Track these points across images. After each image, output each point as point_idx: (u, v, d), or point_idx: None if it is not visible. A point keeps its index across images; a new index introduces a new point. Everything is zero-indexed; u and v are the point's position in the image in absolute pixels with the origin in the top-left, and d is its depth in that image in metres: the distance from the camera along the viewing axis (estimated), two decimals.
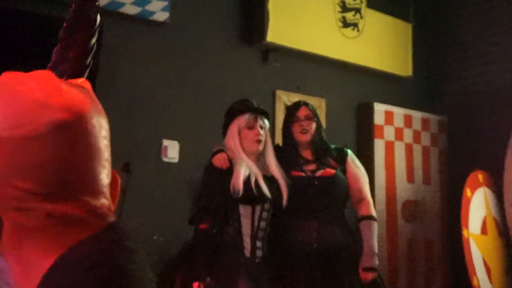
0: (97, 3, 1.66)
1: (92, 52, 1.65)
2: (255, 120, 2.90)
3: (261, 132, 2.90)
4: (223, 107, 3.13)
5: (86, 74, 1.64)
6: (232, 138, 2.90)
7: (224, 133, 2.98)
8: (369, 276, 2.96)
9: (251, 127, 2.89)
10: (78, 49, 1.58)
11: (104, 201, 0.97)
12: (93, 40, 1.65)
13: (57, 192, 0.91)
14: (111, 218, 0.95)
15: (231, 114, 2.97)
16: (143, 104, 3.95)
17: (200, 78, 4.26)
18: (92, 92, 1.01)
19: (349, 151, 3.23)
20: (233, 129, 2.92)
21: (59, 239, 0.91)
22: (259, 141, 2.90)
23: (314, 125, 3.16)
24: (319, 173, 3.09)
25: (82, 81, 1.08)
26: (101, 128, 0.96)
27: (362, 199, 3.13)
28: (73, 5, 1.62)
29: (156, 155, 3.97)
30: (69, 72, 1.54)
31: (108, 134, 0.97)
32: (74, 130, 0.93)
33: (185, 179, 3.91)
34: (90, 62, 1.65)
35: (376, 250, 3.03)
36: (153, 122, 3.98)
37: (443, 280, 5.37)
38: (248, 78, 4.54)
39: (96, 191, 0.95)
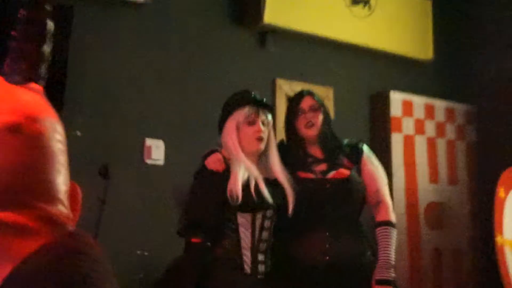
0: (48, 9, 1.68)
1: (47, 60, 1.68)
2: (256, 114, 2.86)
3: (263, 128, 2.86)
4: (214, 99, 3.12)
5: (43, 82, 1.67)
6: (229, 135, 2.86)
7: (221, 130, 2.94)
8: None
9: (251, 122, 2.85)
10: (31, 59, 1.61)
11: (62, 208, 0.96)
12: (47, 49, 1.68)
13: (6, 198, 0.90)
14: (71, 227, 0.94)
15: (228, 108, 2.92)
16: (121, 98, 3.93)
17: (187, 67, 4.24)
18: (44, 96, 1.03)
19: (365, 147, 3.20)
20: (231, 124, 2.87)
21: (12, 248, 0.90)
22: (260, 139, 2.86)
23: (320, 117, 3.12)
24: (331, 174, 3.05)
25: (33, 85, 1.10)
26: (54, 131, 0.98)
27: (379, 202, 3.10)
28: (22, 13, 1.64)
29: (138, 156, 3.96)
30: (22, 82, 1.57)
31: (63, 138, 0.98)
32: (25, 133, 0.94)
33: (172, 183, 3.89)
34: (45, 71, 1.68)
35: (393, 260, 3.00)
36: (133, 118, 3.96)
37: None
38: (243, 65, 4.52)
39: (51, 197, 0.95)
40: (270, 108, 2.96)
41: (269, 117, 2.93)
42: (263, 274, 2.81)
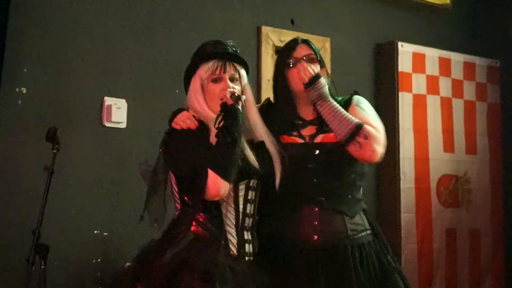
0: None
1: None
2: (222, 68, 2.85)
3: (232, 85, 2.86)
4: (185, 51, 3.10)
5: None
6: (195, 96, 2.87)
7: (186, 90, 2.95)
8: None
9: (217, 79, 2.85)
10: None
11: None
12: None
13: None
14: None
15: (192, 64, 2.94)
16: (75, 47, 3.88)
17: (154, 10, 4.19)
18: None
19: (356, 96, 3.19)
20: (195, 83, 2.88)
21: None
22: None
23: (317, 69, 3.11)
24: (319, 138, 3.06)
25: None
26: None
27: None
28: None
29: (94, 118, 3.92)
30: None
31: None
32: None
33: (137, 151, 3.90)
34: None
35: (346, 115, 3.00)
36: (90, 72, 3.92)
37: (495, 282, 5.42)
38: (222, 9, 4.48)
39: None
40: (242, 60, 2.95)
41: (242, 72, 2.92)
42: (251, 255, 2.83)
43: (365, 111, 3.10)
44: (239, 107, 2.73)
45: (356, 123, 2.93)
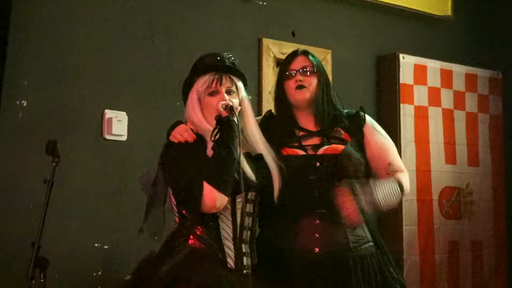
0: None
1: None
2: (218, 81, 2.86)
3: (228, 98, 2.85)
4: (186, 63, 3.09)
5: None
6: (193, 110, 2.88)
7: (185, 103, 2.97)
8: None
9: (213, 92, 2.86)
10: None
11: None
12: None
13: None
14: None
15: (189, 77, 2.96)
16: (76, 60, 3.88)
17: (155, 22, 4.19)
18: None
19: (367, 116, 3.22)
20: (192, 96, 2.90)
21: None
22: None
23: (314, 81, 3.12)
24: (321, 150, 3.06)
25: None
26: None
27: (394, 173, 3.12)
28: None
29: (95, 130, 3.92)
30: None
31: None
32: None
33: (137, 163, 3.88)
34: None
35: (376, 195, 2.95)
36: (91, 85, 3.92)
37: None
38: (223, 21, 4.48)
39: None
40: (239, 73, 2.96)
41: (239, 84, 2.93)
42: (249, 268, 2.83)
43: (383, 136, 3.19)
44: (234, 118, 2.72)
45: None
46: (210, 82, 2.86)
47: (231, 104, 2.78)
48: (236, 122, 2.73)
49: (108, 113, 3.94)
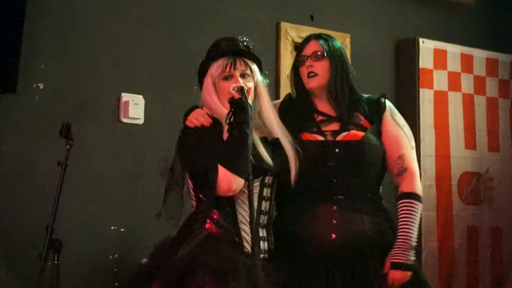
0: None
1: None
2: (232, 65, 2.86)
3: (242, 81, 2.84)
4: (204, 46, 3.06)
5: None
6: (208, 94, 2.89)
7: (201, 87, 2.98)
8: (398, 275, 2.92)
9: (227, 76, 2.86)
10: None
11: None
12: None
13: None
14: None
15: (203, 62, 2.97)
16: (92, 42, 3.87)
17: (172, 5, 4.18)
18: None
19: (388, 103, 3.18)
20: (208, 81, 2.91)
21: None
22: None
23: (325, 66, 3.08)
24: (340, 136, 3.04)
25: None
26: None
27: (403, 170, 3.08)
28: None
29: (111, 114, 3.91)
30: None
31: None
32: None
33: (154, 147, 3.90)
34: None
35: (414, 241, 2.98)
36: (107, 68, 3.91)
37: None
38: (241, 5, 4.46)
39: None
40: (253, 55, 2.94)
41: (253, 67, 2.92)
42: (266, 252, 2.85)
43: (399, 126, 3.14)
44: (246, 100, 2.70)
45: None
46: (224, 66, 2.86)
47: (242, 85, 2.76)
48: (249, 103, 2.71)
49: (125, 96, 3.93)
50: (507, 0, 5.77)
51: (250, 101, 2.76)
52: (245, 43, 2.93)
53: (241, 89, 2.71)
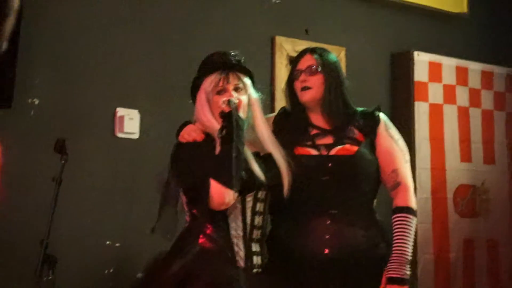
0: None
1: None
2: (225, 79, 2.85)
3: (236, 95, 2.84)
4: (200, 60, 3.05)
5: None
6: (201, 110, 2.87)
7: (194, 102, 2.96)
8: None
9: (221, 91, 2.84)
10: None
11: None
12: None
13: None
14: None
15: (197, 77, 2.95)
16: (87, 57, 3.88)
17: (167, 20, 4.19)
18: None
19: (382, 116, 3.16)
20: (201, 96, 2.89)
21: None
22: None
23: (319, 80, 3.07)
24: (334, 150, 3.02)
25: None
26: None
27: (397, 184, 3.06)
28: None
29: (107, 129, 3.92)
30: None
31: None
32: None
33: (149, 161, 3.89)
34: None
35: (409, 255, 2.97)
36: (102, 82, 3.92)
37: None
38: (236, 19, 4.47)
39: None
40: (245, 69, 2.93)
41: (246, 80, 2.91)
42: (259, 267, 2.82)
43: (394, 140, 3.12)
44: (237, 111, 2.70)
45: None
46: (217, 81, 2.84)
47: (230, 98, 2.76)
48: (240, 116, 2.71)
49: (120, 111, 3.94)
50: (502, 12, 5.78)
51: (243, 114, 2.76)
52: (236, 57, 2.92)
53: (231, 102, 2.72)
